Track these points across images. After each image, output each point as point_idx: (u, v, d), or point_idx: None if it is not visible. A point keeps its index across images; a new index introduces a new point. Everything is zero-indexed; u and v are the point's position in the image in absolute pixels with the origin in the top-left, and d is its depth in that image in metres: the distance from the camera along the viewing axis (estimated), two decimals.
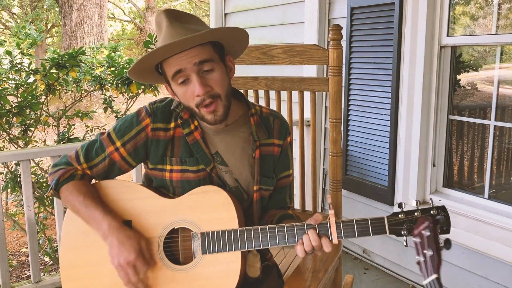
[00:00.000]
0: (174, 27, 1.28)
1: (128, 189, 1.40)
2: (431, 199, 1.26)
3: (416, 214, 1.21)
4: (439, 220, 1.18)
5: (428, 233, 1.05)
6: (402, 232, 1.21)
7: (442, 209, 1.21)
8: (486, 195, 2.56)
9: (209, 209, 1.33)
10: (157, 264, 1.33)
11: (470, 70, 2.79)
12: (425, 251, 1.02)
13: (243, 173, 1.44)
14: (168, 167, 1.40)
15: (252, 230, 1.29)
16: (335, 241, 1.24)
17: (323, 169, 3.41)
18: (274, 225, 1.29)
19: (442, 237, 1.08)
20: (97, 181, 1.45)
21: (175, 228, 1.35)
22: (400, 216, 1.22)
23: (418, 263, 1.02)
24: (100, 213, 1.32)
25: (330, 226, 1.24)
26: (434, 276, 0.97)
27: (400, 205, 1.23)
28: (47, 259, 3.77)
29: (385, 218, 1.22)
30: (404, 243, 1.22)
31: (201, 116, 1.34)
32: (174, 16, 1.31)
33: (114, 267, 1.29)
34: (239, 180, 1.44)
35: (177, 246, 1.36)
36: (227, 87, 1.35)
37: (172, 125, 1.40)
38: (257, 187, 1.44)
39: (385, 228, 1.21)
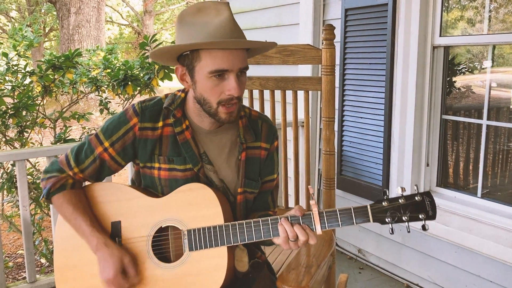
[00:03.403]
0: (234, 24, 1.28)
1: (117, 190, 1.42)
2: (416, 185, 1.25)
3: (400, 201, 1.21)
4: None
5: None
6: (387, 220, 1.21)
7: (427, 194, 1.20)
8: (479, 194, 2.58)
9: (195, 206, 1.34)
10: (146, 263, 1.35)
11: (462, 70, 2.82)
12: None
13: (229, 175, 1.45)
14: (157, 165, 1.41)
15: (237, 225, 1.30)
16: (318, 231, 1.25)
17: (318, 169, 3.43)
18: (259, 218, 1.30)
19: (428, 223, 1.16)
20: (88, 183, 1.47)
21: (163, 226, 1.36)
22: (383, 204, 1.22)
23: None
24: (87, 227, 1.34)
25: (313, 217, 1.25)
26: None
27: (384, 193, 1.23)
28: (43, 260, 3.77)
29: (368, 206, 1.23)
30: (390, 231, 1.22)
31: (214, 113, 1.34)
32: (231, 13, 1.31)
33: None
34: (225, 181, 1.45)
35: (167, 245, 1.37)
36: None
37: (160, 124, 1.41)
38: (242, 189, 1.45)
39: (369, 216, 1.22)
